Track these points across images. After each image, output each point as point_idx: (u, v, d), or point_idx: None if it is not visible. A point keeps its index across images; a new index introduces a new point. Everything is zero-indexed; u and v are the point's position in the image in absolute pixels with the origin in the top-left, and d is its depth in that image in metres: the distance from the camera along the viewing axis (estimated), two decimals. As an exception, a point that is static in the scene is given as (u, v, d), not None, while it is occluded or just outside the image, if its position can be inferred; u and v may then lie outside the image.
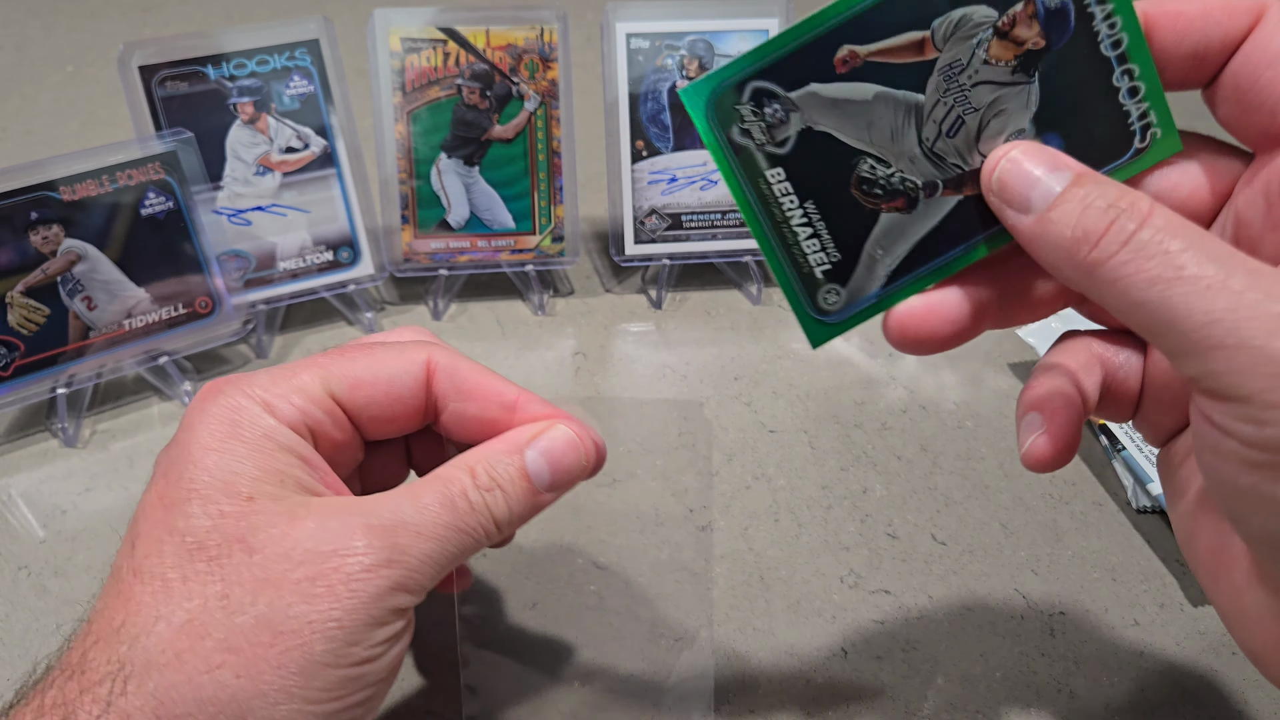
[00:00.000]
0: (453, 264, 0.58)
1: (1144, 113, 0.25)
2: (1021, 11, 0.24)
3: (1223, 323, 0.21)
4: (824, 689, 0.38)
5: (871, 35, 0.25)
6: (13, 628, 0.40)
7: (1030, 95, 0.25)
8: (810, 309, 0.27)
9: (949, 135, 0.25)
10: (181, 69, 0.52)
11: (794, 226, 0.26)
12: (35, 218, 0.47)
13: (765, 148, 0.25)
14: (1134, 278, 0.22)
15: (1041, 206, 0.24)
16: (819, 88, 0.25)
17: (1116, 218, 0.22)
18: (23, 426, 0.50)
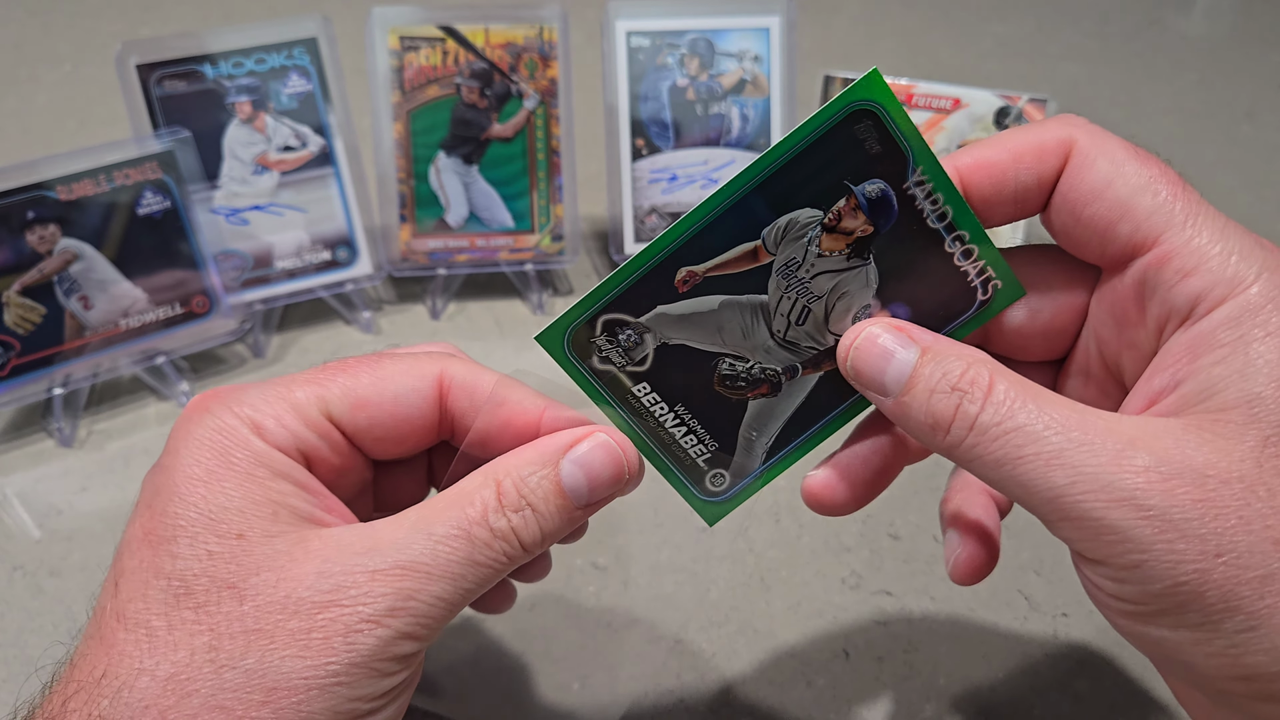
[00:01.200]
0: (451, 263, 0.57)
1: (981, 269, 0.27)
2: (845, 206, 0.26)
3: (1064, 498, 0.22)
4: (825, 690, 0.38)
5: (705, 255, 0.26)
6: (7, 627, 0.40)
7: (869, 275, 0.27)
8: (699, 494, 0.29)
9: (798, 324, 0.27)
10: (179, 68, 0.51)
11: (669, 429, 0.28)
12: (32, 217, 0.47)
13: (627, 369, 0.27)
14: (983, 460, 0.23)
15: (896, 390, 0.25)
16: (665, 309, 0.27)
17: (960, 402, 0.24)
18: (19, 426, 0.50)
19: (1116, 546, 0.22)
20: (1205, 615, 0.22)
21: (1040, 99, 0.58)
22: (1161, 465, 0.22)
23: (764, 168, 0.26)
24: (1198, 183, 0.26)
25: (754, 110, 0.57)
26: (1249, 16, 1.01)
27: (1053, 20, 0.99)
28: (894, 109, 0.25)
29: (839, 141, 0.25)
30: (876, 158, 0.25)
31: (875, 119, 0.25)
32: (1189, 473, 0.22)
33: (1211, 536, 0.21)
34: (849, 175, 0.26)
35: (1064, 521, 0.23)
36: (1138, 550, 0.22)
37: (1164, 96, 0.85)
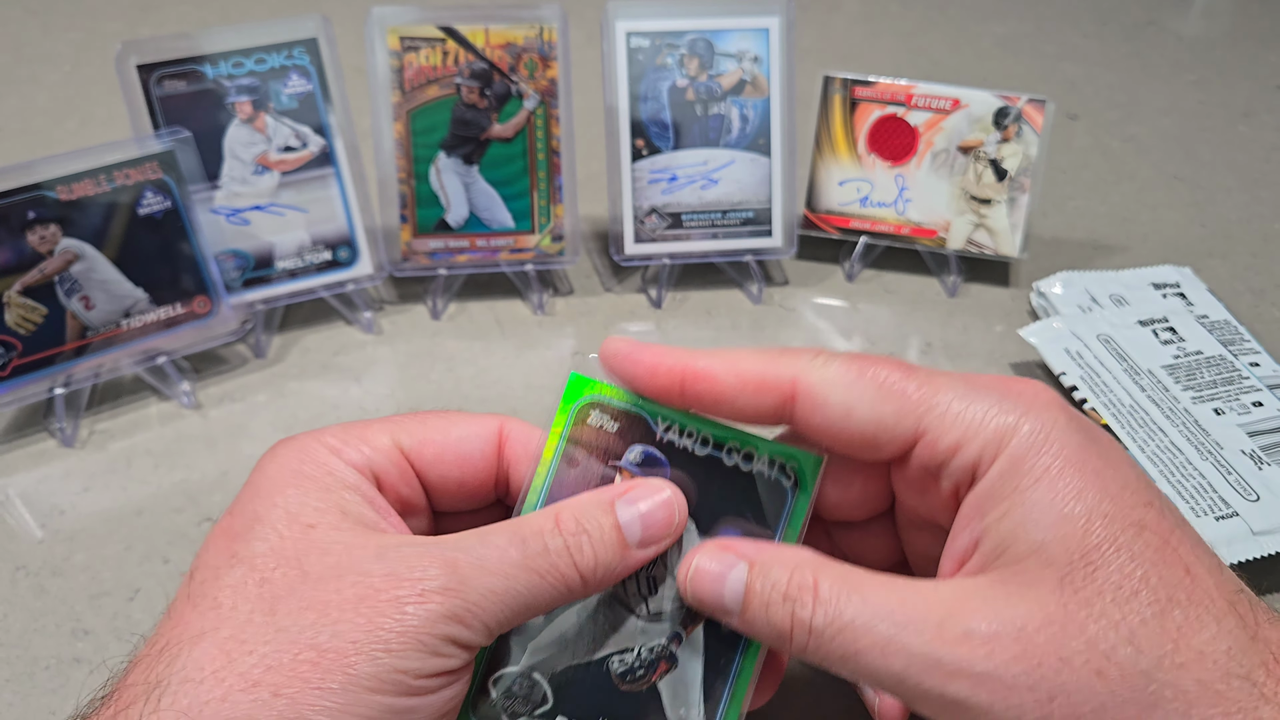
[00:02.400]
0: (452, 263, 0.57)
1: (770, 462, 0.29)
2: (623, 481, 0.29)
3: (906, 681, 0.24)
4: (824, 689, 0.38)
5: None
6: (11, 627, 0.40)
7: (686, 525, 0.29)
8: None
9: (652, 594, 0.28)
10: (179, 68, 0.52)
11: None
12: (32, 217, 0.47)
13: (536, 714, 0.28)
14: (829, 659, 0.25)
15: (737, 609, 0.26)
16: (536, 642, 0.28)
17: (793, 609, 0.25)
18: (20, 427, 0.50)
19: (965, 715, 0.23)
20: None
21: (1039, 99, 0.58)
22: (979, 630, 0.23)
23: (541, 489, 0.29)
24: (1196, 182, 0.26)
25: (754, 110, 0.58)
26: (1246, 17, 1.01)
27: (1051, 20, 0.99)
28: (608, 391, 0.29)
29: (587, 437, 0.29)
30: (622, 430, 0.29)
31: (600, 405, 0.29)
32: (1005, 630, 0.23)
33: (1041, 685, 0.23)
34: (611, 458, 0.29)
35: (915, 701, 0.24)
36: (983, 714, 0.23)
37: (1161, 96, 0.85)
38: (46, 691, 0.37)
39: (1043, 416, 0.26)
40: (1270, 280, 0.63)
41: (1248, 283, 0.62)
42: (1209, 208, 0.70)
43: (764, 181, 0.58)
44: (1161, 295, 0.57)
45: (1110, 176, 0.73)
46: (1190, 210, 0.69)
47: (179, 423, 0.50)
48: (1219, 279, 0.61)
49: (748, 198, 0.58)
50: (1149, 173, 0.74)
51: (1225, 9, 1.03)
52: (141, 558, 0.43)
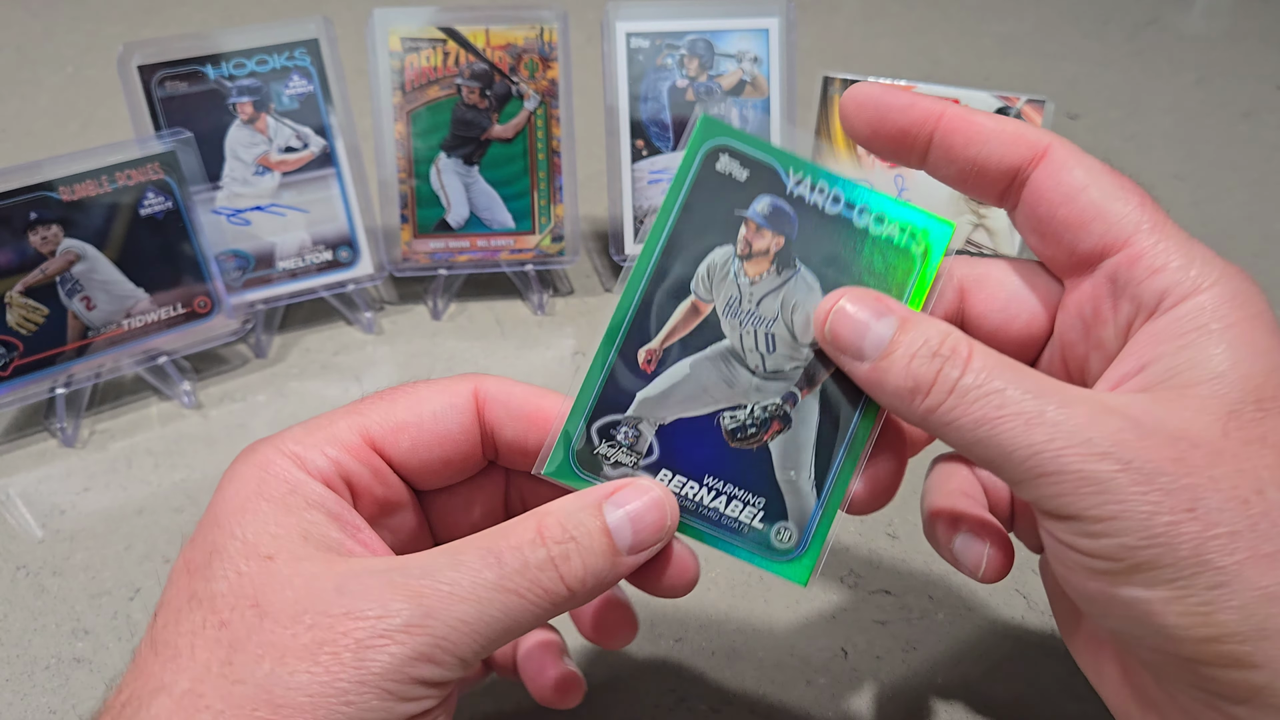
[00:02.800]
0: (452, 263, 0.57)
1: (901, 227, 0.27)
2: (746, 233, 0.27)
3: (1043, 454, 0.23)
4: (824, 689, 0.38)
5: (653, 330, 0.27)
6: (11, 627, 0.40)
7: (806, 280, 0.27)
8: (775, 557, 0.28)
9: (771, 352, 0.27)
10: (181, 69, 0.52)
11: (709, 505, 0.28)
12: (34, 218, 0.47)
13: (639, 465, 0.27)
14: (962, 421, 0.24)
15: (874, 355, 0.25)
16: (645, 393, 0.27)
17: (941, 366, 0.24)
18: (21, 426, 0.50)
19: (1094, 498, 0.22)
20: (1178, 570, 0.22)
21: (1039, 99, 0.58)
22: (1136, 426, 0.23)
23: (661, 233, 0.27)
24: (1197, 182, 0.26)
25: (753, 111, 0.58)
26: (1247, 17, 1.01)
27: (1051, 20, 0.99)
28: (738, 137, 0.27)
29: (711, 183, 0.27)
30: (750, 180, 0.27)
31: (729, 151, 0.27)
32: (1162, 434, 0.23)
33: (1183, 492, 0.22)
34: (736, 206, 0.27)
35: (1042, 478, 0.23)
36: (1115, 501, 0.22)
37: (1163, 96, 0.85)
38: (46, 691, 0.38)
39: (1243, 282, 0.26)
40: (1271, 280, 0.62)
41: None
42: (1210, 207, 0.70)
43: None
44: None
45: (1111, 176, 0.73)
46: (1191, 210, 0.69)
47: (179, 422, 0.51)
48: (1220, 279, 0.61)
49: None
50: (1150, 172, 0.74)
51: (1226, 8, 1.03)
52: (141, 557, 0.43)
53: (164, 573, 0.42)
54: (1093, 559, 0.23)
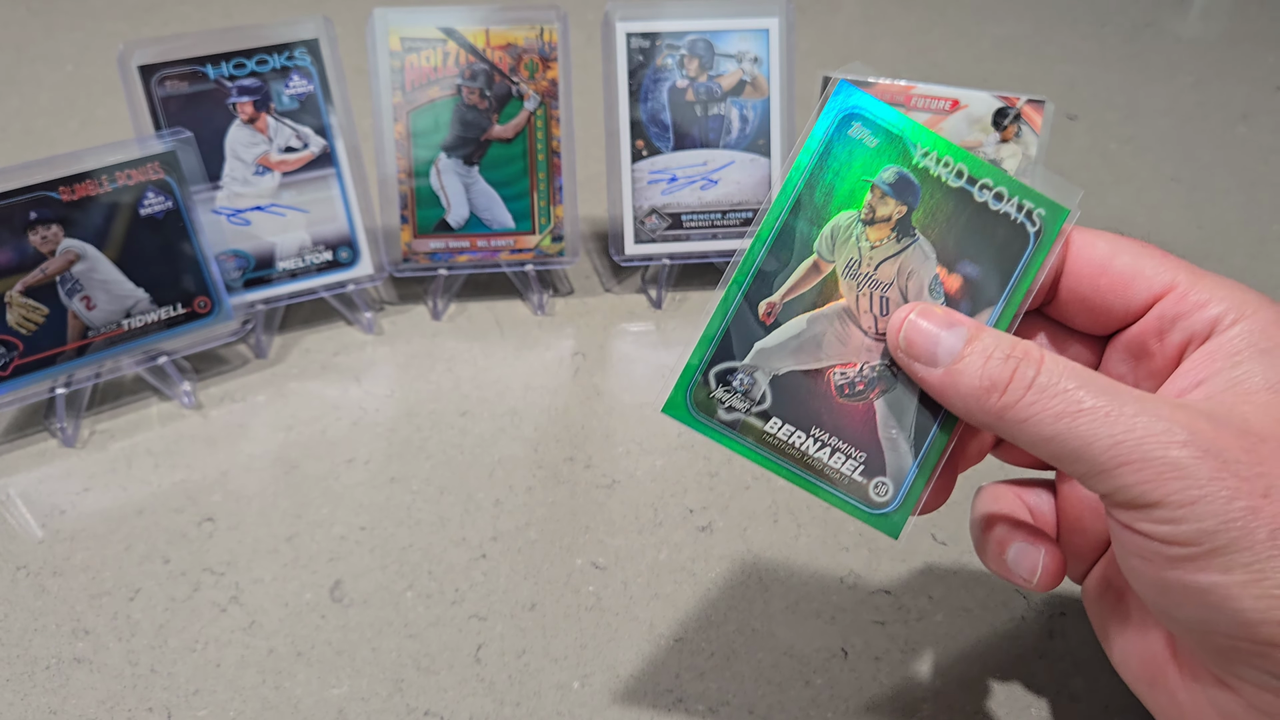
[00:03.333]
0: (452, 264, 0.58)
1: (1019, 205, 0.28)
2: (872, 198, 0.29)
3: (1125, 443, 0.24)
4: (823, 689, 0.38)
5: (775, 284, 0.29)
6: (11, 627, 0.40)
7: (924, 248, 0.29)
8: (871, 509, 0.29)
9: (884, 315, 0.29)
10: (181, 68, 0.52)
11: (814, 455, 0.29)
12: (34, 217, 0.47)
13: (751, 412, 0.29)
14: (1041, 415, 0.25)
15: (948, 360, 0.27)
16: (762, 343, 0.29)
17: (1017, 366, 0.26)
18: (21, 426, 0.50)
19: (1176, 483, 0.24)
20: (1255, 554, 0.23)
21: (1038, 100, 0.58)
22: (1209, 419, 0.24)
23: (790, 192, 0.28)
24: (1194, 184, 0.27)
25: (753, 111, 0.58)
26: (1245, 19, 1.01)
27: (1050, 22, 0.99)
28: (873, 106, 0.28)
29: (842, 148, 0.28)
30: (879, 149, 0.28)
31: (863, 119, 0.28)
32: (1232, 427, 0.24)
33: (1259, 478, 0.23)
34: (864, 173, 0.28)
35: (1124, 466, 0.24)
36: (1195, 486, 0.23)
37: (1160, 98, 0.85)
38: (46, 691, 0.38)
39: (1278, 307, 0.28)
40: (1268, 282, 0.63)
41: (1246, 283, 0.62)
42: (1207, 209, 0.70)
43: (763, 182, 0.58)
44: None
45: (1109, 177, 0.73)
46: (1188, 211, 0.69)
47: (179, 423, 0.51)
48: (1217, 280, 0.61)
49: (747, 198, 0.58)
50: (1147, 174, 0.74)
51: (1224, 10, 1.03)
52: (142, 558, 0.43)
53: (164, 573, 0.42)
54: (1170, 545, 0.24)
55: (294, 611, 0.41)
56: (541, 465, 0.48)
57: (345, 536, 0.44)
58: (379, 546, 0.44)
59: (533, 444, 0.49)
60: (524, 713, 0.37)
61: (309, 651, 0.39)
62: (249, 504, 0.46)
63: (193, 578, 0.42)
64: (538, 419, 0.51)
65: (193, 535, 0.44)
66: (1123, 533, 0.26)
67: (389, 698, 0.38)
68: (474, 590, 0.42)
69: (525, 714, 0.37)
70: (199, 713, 0.37)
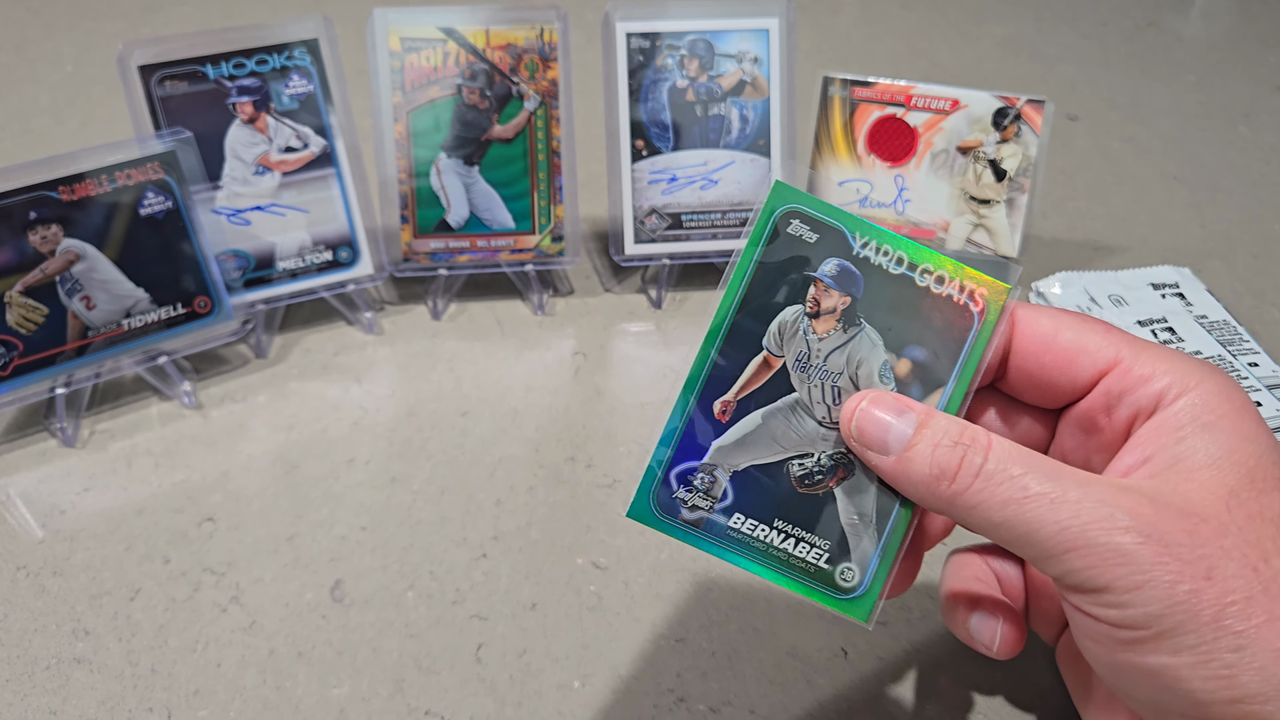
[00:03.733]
0: (452, 264, 0.57)
1: (960, 287, 0.29)
2: (816, 292, 0.29)
3: (1070, 529, 0.25)
4: (825, 690, 0.38)
5: (727, 383, 0.29)
6: (11, 627, 0.40)
7: (870, 336, 0.29)
8: (838, 595, 0.30)
9: (836, 404, 0.29)
10: (181, 68, 0.52)
11: (779, 546, 0.29)
12: (34, 217, 0.47)
13: (714, 509, 0.29)
14: (989, 503, 0.26)
15: (899, 448, 0.28)
16: (719, 441, 0.29)
17: (964, 454, 0.26)
18: (21, 426, 0.50)
19: (1121, 569, 0.24)
20: (1200, 636, 0.24)
21: (1038, 100, 0.58)
22: (1151, 502, 0.25)
23: (736, 291, 0.29)
24: (1196, 184, 0.27)
25: (753, 111, 0.58)
26: (1246, 18, 1.01)
27: (1051, 22, 0.99)
28: (809, 202, 0.29)
29: (783, 246, 0.29)
30: (819, 243, 0.29)
31: (800, 215, 0.29)
32: (1174, 509, 0.25)
33: (1200, 561, 0.24)
34: (806, 267, 0.29)
35: (1069, 552, 0.25)
36: (1139, 571, 0.24)
37: (1161, 98, 0.85)
38: (46, 691, 0.38)
39: (1224, 379, 0.28)
40: (1270, 281, 0.63)
41: (1248, 284, 0.62)
42: (1209, 209, 0.70)
43: (763, 182, 0.58)
44: (1160, 296, 0.57)
45: (1110, 177, 0.73)
46: (1190, 211, 0.69)
47: (179, 423, 0.50)
48: (1219, 280, 0.61)
49: (747, 198, 0.58)
50: (1149, 174, 0.74)
51: (1225, 10, 1.03)
52: (142, 558, 0.43)
53: (164, 573, 0.42)
54: (1119, 629, 0.25)
55: (294, 612, 0.41)
56: (542, 465, 0.48)
57: (346, 536, 0.44)
58: (380, 546, 0.44)
59: (533, 444, 0.49)
60: (525, 713, 0.37)
61: (309, 652, 0.39)
62: (249, 504, 0.46)
63: (193, 578, 0.42)
64: (538, 419, 0.51)
65: (193, 535, 0.44)
66: (1075, 615, 0.26)
67: (390, 698, 0.37)
68: (475, 590, 0.42)
69: (526, 714, 0.37)
70: (199, 713, 0.37)
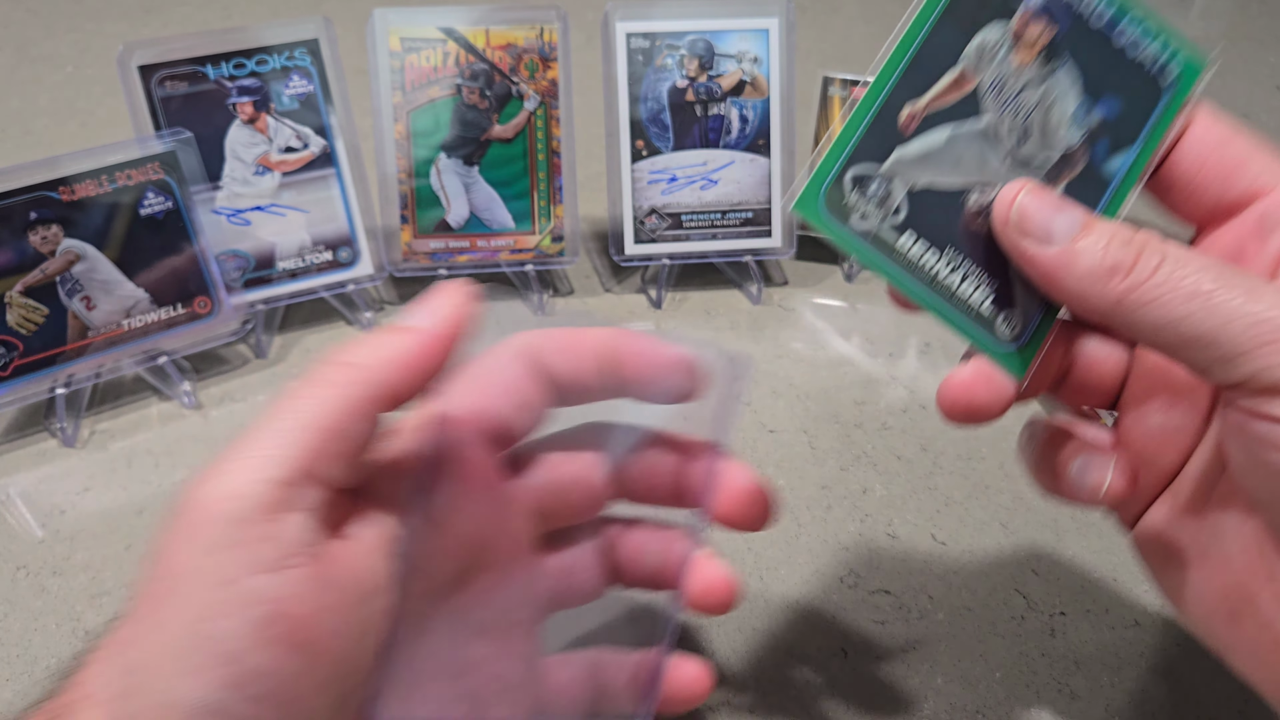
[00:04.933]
0: (452, 264, 0.58)
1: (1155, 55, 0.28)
2: (1022, 16, 0.27)
3: (1270, 320, 0.23)
4: (824, 690, 0.38)
5: (919, 90, 0.27)
6: (11, 627, 0.40)
7: (1070, 75, 0.28)
8: (997, 343, 0.28)
9: (1023, 141, 0.28)
10: (181, 69, 0.52)
11: (945, 278, 0.27)
12: (34, 217, 0.47)
13: (885, 222, 0.27)
14: (1172, 295, 0.24)
15: (1065, 238, 0.25)
16: (901, 151, 0.27)
17: (1141, 250, 0.24)
18: (21, 426, 0.50)
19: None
20: None
21: (1038, 100, 0.58)
22: None
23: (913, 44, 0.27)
24: None
25: (753, 111, 0.58)
26: (1245, 18, 1.01)
27: (1051, 21, 0.99)
28: None
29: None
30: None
31: None
32: None
33: None
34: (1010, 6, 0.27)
35: (1266, 346, 0.23)
36: None
37: (1162, 97, 0.85)
38: (47, 690, 0.38)
39: None
40: (1270, 281, 0.63)
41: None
42: (1208, 208, 0.70)
43: (763, 182, 0.58)
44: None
45: (1110, 177, 0.73)
46: (1190, 211, 0.69)
47: (180, 423, 0.51)
48: (1218, 279, 0.61)
49: (747, 198, 0.58)
50: (1149, 173, 0.74)
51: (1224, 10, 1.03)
52: (142, 557, 0.43)
53: (164, 573, 0.42)
54: None
55: (294, 611, 0.41)
56: (542, 465, 0.48)
57: (345, 536, 0.44)
58: (379, 546, 0.44)
59: (533, 444, 0.49)
60: (524, 712, 0.37)
61: (309, 651, 0.39)
62: (249, 504, 0.46)
63: (193, 578, 0.42)
64: (538, 419, 0.51)
65: (193, 535, 0.44)
66: (1255, 425, 0.24)
67: (389, 698, 0.37)
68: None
69: (525, 714, 0.37)
70: (199, 713, 0.37)
